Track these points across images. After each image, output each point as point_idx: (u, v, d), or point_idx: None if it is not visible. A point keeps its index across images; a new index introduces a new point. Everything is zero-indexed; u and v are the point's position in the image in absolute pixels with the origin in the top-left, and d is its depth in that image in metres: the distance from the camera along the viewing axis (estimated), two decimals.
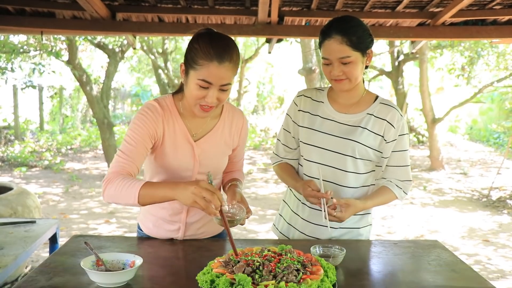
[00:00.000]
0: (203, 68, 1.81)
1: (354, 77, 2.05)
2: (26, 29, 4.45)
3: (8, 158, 11.36)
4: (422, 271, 1.87)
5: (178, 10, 4.10)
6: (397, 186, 2.17)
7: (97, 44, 10.86)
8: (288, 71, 20.46)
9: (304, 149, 2.24)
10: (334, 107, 2.21)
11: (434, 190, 9.17)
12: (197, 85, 1.84)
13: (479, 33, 4.35)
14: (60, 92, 16.51)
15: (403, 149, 2.16)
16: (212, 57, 1.80)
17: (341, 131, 2.15)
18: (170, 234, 2.18)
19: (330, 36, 2.01)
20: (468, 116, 18.60)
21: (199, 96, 1.86)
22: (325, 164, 2.17)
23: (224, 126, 2.12)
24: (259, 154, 13.15)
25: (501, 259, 5.35)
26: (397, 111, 2.14)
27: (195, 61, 1.83)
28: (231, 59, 1.84)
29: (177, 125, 2.02)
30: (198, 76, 1.82)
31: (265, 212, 7.37)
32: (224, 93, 1.88)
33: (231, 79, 1.87)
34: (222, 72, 1.82)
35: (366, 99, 2.20)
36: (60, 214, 7.00)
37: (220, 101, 1.89)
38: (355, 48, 2.00)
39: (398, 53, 13.14)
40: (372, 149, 2.13)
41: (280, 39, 4.90)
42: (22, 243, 2.52)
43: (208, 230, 2.24)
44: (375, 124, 2.13)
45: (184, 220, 2.15)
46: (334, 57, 2.02)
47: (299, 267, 1.58)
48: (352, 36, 1.99)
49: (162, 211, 2.14)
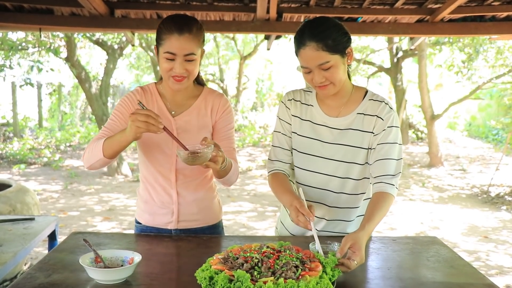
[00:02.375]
0: (166, 41, 2.01)
1: (337, 80, 1.96)
2: (25, 26, 4.45)
3: (7, 155, 11.36)
4: (421, 267, 1.88)
5: (176, 6, 4.10)
6: (390, 184, 1.99)
7: (96, 41, 10.86)
8: (287, 68, 20.47)
9: (296, 156, 2.18)
10: (324, 111, 2.12)
11: (433, 186, 9.18)
12: (164, 58, 2.03)
13: (478, 29, 4.35)
14: (59, 89, 16.48)
15: (392, 141, 2.03)
16: (172, 30, 2.00)
17: (333, 137, 2.09)
18: (165, 219, 2.25)
19: (305, 44, 1.91)
20: (467, 112, 18.62)
21: (168, 68, 2.04)
22: (318, 171, 2.12)
23: (201, 104, 2.23)
24: (258, 151, 13.16)
25: (500, 256, 5.36)
26: (386, 105, 2.06)
27: (160, 37, 2.04)
28: (191, 31, 2.02)
29: (157, 104, 2.20)
30: (164, 49, 2.02)
31: (264, 209, 7.38)
32: (191, 64, 2.04)
33: (193, 49, 2.03)
34: (183, 42, 2.00)
35: (355, 97, 2.11)
36: (59, 211, 7.01)
37: (189, 72, 2.05)
38: (332, 52, 1.90)
39: (397, 50, 13.15)
40: (364, 148, 2.07)
41: (279, 36, 4.90)
42: (21, 240, 2.52)
43: (202, 218, 2.30)
44: (365, 122, 2.06)
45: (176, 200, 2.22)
46: (313, 65, 1.92)
47: (298, 263, 1.58)
48: (327, 40, 1.89)
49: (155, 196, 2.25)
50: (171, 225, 2.25)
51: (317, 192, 2.15)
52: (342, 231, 2.19)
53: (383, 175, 2.01)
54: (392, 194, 1.99)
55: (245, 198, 8.12)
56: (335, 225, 2.19)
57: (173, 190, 2.22)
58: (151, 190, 2.25)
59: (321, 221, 2.18)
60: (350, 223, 2.19)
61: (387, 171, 2.01)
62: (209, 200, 2.33)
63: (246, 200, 8.01)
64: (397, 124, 2.06)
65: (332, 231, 2.19)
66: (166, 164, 2.19)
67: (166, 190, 2.23)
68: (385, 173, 2.01)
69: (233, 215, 6.99)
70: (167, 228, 2.25)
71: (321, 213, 2.17)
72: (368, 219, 1.87)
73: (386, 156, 2.02)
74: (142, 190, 2.30)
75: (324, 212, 2.17)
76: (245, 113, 18.54)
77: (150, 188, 2.25)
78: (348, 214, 2.18)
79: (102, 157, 2.02)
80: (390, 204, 1.98)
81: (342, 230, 2.19)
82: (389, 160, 2.02)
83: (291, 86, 18.63)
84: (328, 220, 2.18)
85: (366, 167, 2.10)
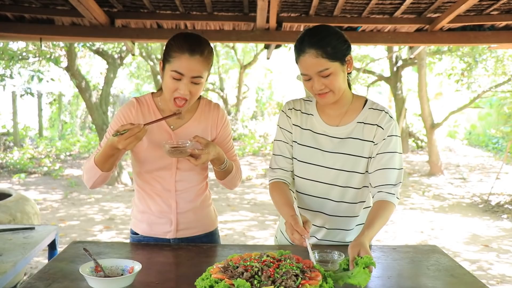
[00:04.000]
0: (175, 60, 1.98)
1: (336, 88, 1.97)
2: (25, 36, 4.47)
3: (7, 165, 11.35)
4: (421, 276, 1.87)
5: (176, 16, 4.11)
6: (390, 193, 1.99)
7: (96, 51, 10.89)
8: (287, 77, 20.50)
9: (296, 165, 2.18)
10: (324, 120, 2.13)
11: (434, 195, 9.17)
12: (170, 77, 2.00)
13: (477, 38, 4.37)
14: (59, 99, 16.51)
15: (393, 150, 2.03)
16: (184, 49, 1.97)
17: (334, 146, 2.09)
18: (164, 229, 2.24)
19: (304, 52, 1.93)
20: (466, 121, 18.62)
21: (173, 88, 2.01)
22: (318, 180, 2.12)
23: (201, 117, 2.23)
24: (258, 159, 13.15)
25: (502, 265, 5.34)
26: (386, 114, 2.06)
27: (169, 54, 2.01)
28: (202, 53, 2.00)
29: (155, 118, 2.15)
30: (172, 67, 1.99)
31: (264, 218, 7.37)
32: (196, 87, 2.03)
33: (201, 72, 2.01)
34: (193, 64, 1.98)
35: (355, 106, 2.11)
36: (59, 221, 6.99)
37: (192, 94, 2.03)
38: (332, 59, 1.92)
39: (396, 59, 13.19)
40: (365, 157, 2.07)
41: (279, 45, 4.92)
42: (21, 250, 2.51)
43: (200, 226, 2.31)
44: (366, 131, 2.06)
45: (174, 210, 2.22)
46: (313, 72, 1.94)
47: (298, 272, 1.57)
48: (327, 47, 1.91)
49: (153, 206, 2.23)
50: (170, 235, 2.25)
51: (317, 201, 2.15)
52: (342, 240, 2.19)
53: (384, 184, 2.01)
54: (393, 202, 1.99)
55: (245, 207, 8.11)
56: (335, 234, 2.19)
57: (173, 199, 2.22)
58: (148, 200, 2.24)
59: (321, 230, 2.18)
60: (349, 232, 2.19)
61: (388, 180, 2.01)
62: (206, 208, 2.34)
63: (246, 209, 8.00)
64: (397, 133, 2.07)
65: (332, 240, 2.19)
66: (166, 175, 2.19)
67: (164, 200, 2.22)
68: (385, 183, 2.01)
69: (233, 224, 6.98)
70: (166, 237, 2.25)
71: (321, 222, 2.17)
72: (368, 226, 1.88)
73: (386, 166, 2.02)
74: (138, 200, 2.29)
75: (324, 221, 2.17)
76: (245, 122, 18.54)
77: (147, 198, 2.24)
78: (348, 223, 2.18)
79: (98, 169, 2.04)
80: (391, 212, 1.97)
81: (342, 239, 2.19)
82: (389, 169, 2.02)
83: (291, 95, 18.69)
84: (328, 229, 2.18)
85: (366, 176, 2.10)
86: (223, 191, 9.11)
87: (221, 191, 9.11)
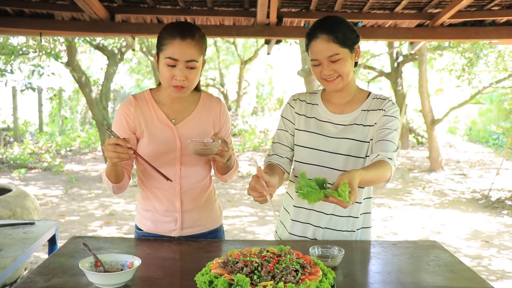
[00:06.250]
0: (168, 47, 1.99)
1: (345, 73, 2.04)
2: (25, 31, 4.45)
3: (7, 160, 11.36)
4: (421, 271, 1.87)
5: (177, 11, 4.10)
6: (388, 157, 1.96)
7: (96, 46, 10.88)
8: (287, 73, 20.49)
9: (301, 151, 2.21)
10: (328, 108, 2.19)
11: (434, 191, 9.17)
12: (165, 64, 2.00)
13: (478, 34, 4.35)
14: (60, 94, 16.52)
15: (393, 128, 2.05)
16: (175, 35, 1.98)
17: (337, 132, 2.14)
18: (169, 227, 2.23)
19: (316, 36, 2.03)
20: (467, 117, 18.62)
21: (169, 76, 2.01)
22: (322, 165, 2.14)
23: (202, 111, 2.23)
24: (258, 155, 13.15)
25: (503, 260, 5.34)
26: (390, 101, 2.13)
27: (161, 43, 2.02)
28: (193, 36, 2.01)
29: (155, 113, 2.17)
30: (165, 55, 2.00)
31: (265, 214, 7.37)
32: (192, 72, 2.03)
33: (195, 56, 2.01)
34: (185, 47, 1.98)
35: (359, 97, 2.19)
36: (59, 216, 7.00)
37: (189, 80, 2.03)
38: (342, 45, 2.01)
39: (397, 54, 13.17)
40: (367, 142, 2.11)
41: (279, 40, 4.91)
42: (21, 245, 2.51)
43: (205, 223, 2.30)
44: (369, 117, 2.11)
45: (179, 209, 2.22)
46: (323, 56, 2.02)
47: (298, 267, 1.57)
48: (338, 33, 2.01)
49: (158, 204, 2.22)
50: (175, 233, 2.24)
51: None
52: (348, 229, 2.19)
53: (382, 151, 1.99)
54: (390, 164, 1.95)
55: (246, 203, 8.11)
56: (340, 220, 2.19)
57: (177, 198, 2.20)
58: (152, 198, 2.23)
59: (327, 216, 2.18)
60: (355, 220, 2.19)
61: (386, 149, 2.00)
62: (210, 205, 2.34)
63: (246, 204, 8.00)
64: (398, 117, 2.12)
65: (334, 229, 2.18)
66: (169, 172, 2.13)
67: (169, 199, 2.21)
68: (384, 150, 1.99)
69: (234, 220, 6.99)
70: (171, 235, 2.24)
71: (328, 209, 2.18)
72: (364, 168, 1.86)
73: (385, 138, 2.04)
74: (142, 198, 2.28)
75: (328, 205, 2.16)
76: (246, 118, 18.55)
77: (151, 196, 2.23)
78: (352, 210, 2.18)
79: (110, 183, 2.08)
80: (387, 171, 1.92)
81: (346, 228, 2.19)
82: (388, 142, 2.03)
83: (291, 90, 18.67)
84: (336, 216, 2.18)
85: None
86: (224, 186, 9.12)
87: (222, 186, 9.12)
